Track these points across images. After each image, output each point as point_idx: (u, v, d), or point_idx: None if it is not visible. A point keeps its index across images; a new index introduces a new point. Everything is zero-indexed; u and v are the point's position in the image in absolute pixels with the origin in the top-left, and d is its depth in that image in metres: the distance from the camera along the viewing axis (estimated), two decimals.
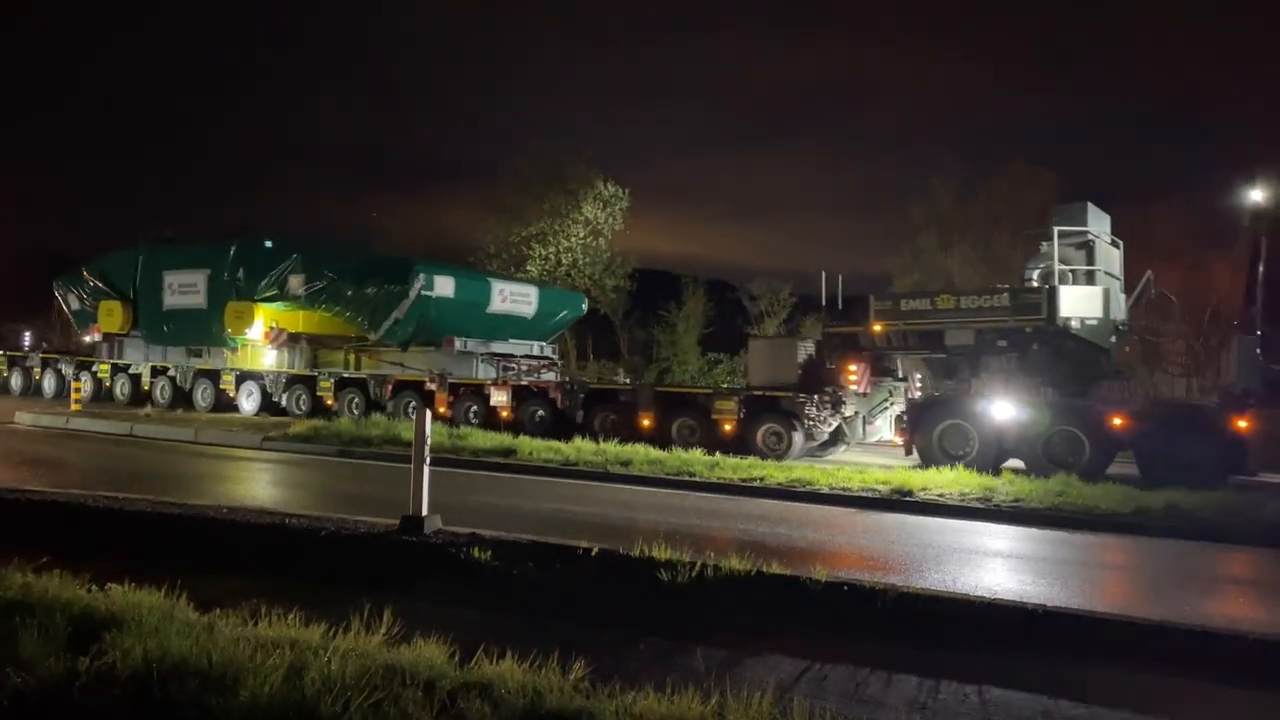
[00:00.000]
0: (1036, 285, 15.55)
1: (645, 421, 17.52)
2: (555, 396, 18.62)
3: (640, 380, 26.86)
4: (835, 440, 17.12)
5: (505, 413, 18.78)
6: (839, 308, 17.42)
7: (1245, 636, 6.19)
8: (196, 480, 12.79)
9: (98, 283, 24.79)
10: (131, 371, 23.99)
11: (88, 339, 25.43)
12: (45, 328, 35.84)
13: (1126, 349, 16.31)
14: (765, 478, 13.25)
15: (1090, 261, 15.63)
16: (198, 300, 22.92)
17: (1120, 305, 16.20)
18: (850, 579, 7.13)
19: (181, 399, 22.87)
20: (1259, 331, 13.68)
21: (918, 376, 18.52)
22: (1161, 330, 16.59)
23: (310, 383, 21.27)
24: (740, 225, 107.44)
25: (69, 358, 25.99)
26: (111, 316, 24.11)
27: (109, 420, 19.77)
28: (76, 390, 23.23)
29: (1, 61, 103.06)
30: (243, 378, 22.11)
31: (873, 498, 12.28)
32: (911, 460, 15.38)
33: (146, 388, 23.51)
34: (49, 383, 25.57)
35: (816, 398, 16.32)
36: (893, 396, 17.83)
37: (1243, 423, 13.14)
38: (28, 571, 6.04)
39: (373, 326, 21.06)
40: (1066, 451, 14.29)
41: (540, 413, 18.68)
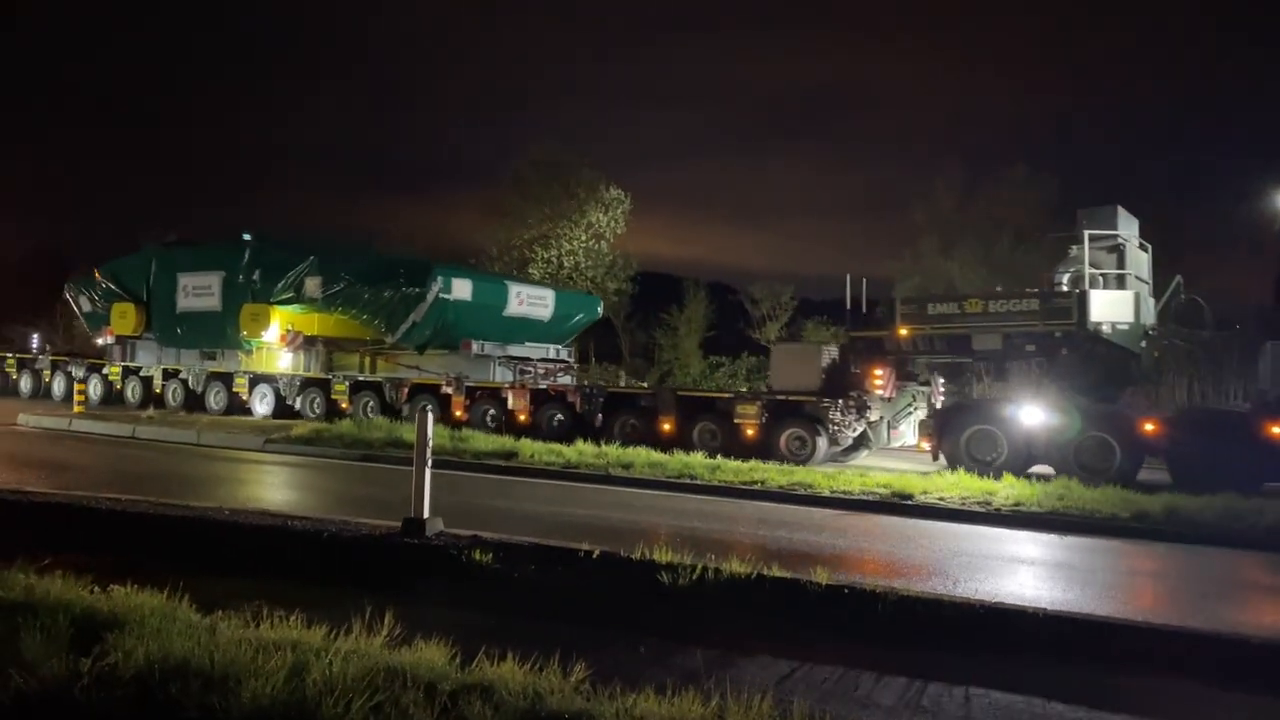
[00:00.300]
0: (1066, 289, 15.32)
1: (666, 426, 17.27)
2: (574, 400, 18.42)
3: (659, 384, 26.77)
4: (858, 445, 16.91)
5: (523, 416, 18.58)
6: (862, 311, 17.21)
7: (1249, 640, 6.20)
8: (198, 482, 12.80)
9: (110, 285, 24.67)
10: (143, 374, 23.90)
11: (100, 341, 25.26)
12: (48, 330, 35.89)
13: (1155, 354, 16.05)
14: (766, 481, 13.26)
15: (1121, 265, 15.38)
16: (212, 302, 22.76)
17: (1150, 310, 15.93)
18: (850, 582, 7.15)
19: (194, 402, 22.77)
20: None
21: (940, 381, 18.31)
22: (1192, 335, 16.32)
23: (324, 386, 21.16)
24: (741, 228, 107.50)
25: (79, 360, 25.92)
26: (125, 319, 23.96)
27: (111, 422, 19.79)
28: (80, 392, 23.26)
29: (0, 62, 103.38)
30: (256, 380, 22.01)
31: (873, 501, 12.29)
32: (938, 466, 15.17)
33: (158, 390, 23.42)
34: (59, 385, 25.52)
35: (841, 402, 16.08)
36: (916, 401, 17.61)
37: (1276, 429, 12.97)
38: (30, 572, 6.05)
39: (390, 329, 20.87)
40: (1097, 457, 14.09)
41: (558, 417, 18.46)
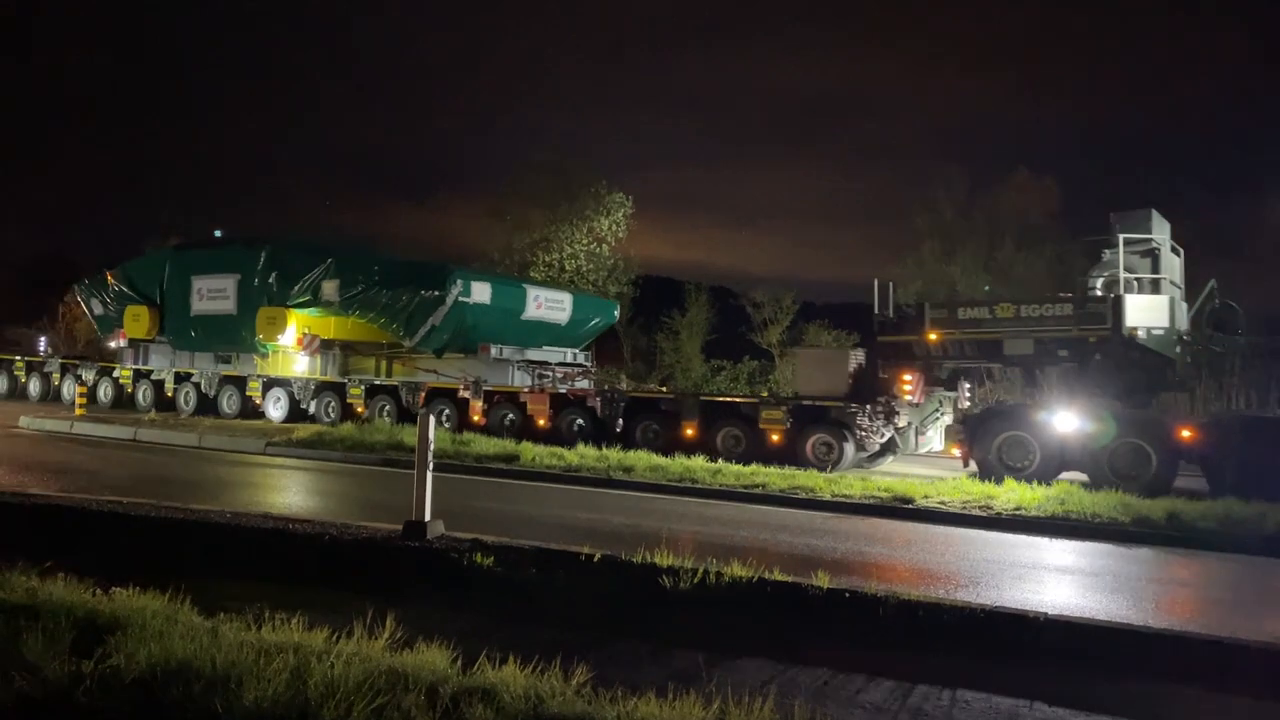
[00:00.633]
0: (1101, 294, 15.17)
1: (689, 431, 17.08)
2: (594, 405, 18.24)
3: (680, 389, 26.66)
4: (885, 451, 16.75)
5: (542, 421, 18.39)
6: (890, 316, 17.10)
7: (1248, 646, 6.20)
8: (199, 485, 12.79)
9: (123, 287, 24.50)
10: (154, 377, 23.77)
11: (113, 344, 25.11)
12: (50, 332, 35.94)
13: (1188, 359, 15.77)
14: (767, 484, 13.31)
15: (1155, 269, 15.25)
16: (227, 306, 22.56)
17: (1183, 314, 15.73)
18: (851, 586, 7.15)
19: (206, 405, 22.66)
20: None
21: (967, 386, 18.09)
22: (1226, 340, 16.15)
23: (340, 389, 21.04)
24: (743, 233, 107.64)
25: (89, 363, 25.85)
26: (138, 322, 23.75)
27: (113, 425, 19.79)
28: (81, 395, 23.18)
29: None
30: (270, 384, 21.90)
31: (874, 505, 12.31)
32: (967, 472, 14.95)
33: (170, 394, 23.28)
34: (68, 388, 25.34)
35: (869, 408, 15.90)
36: (943, 406, 17.46)
37: None
38: (32, 575, 6.07)
39: (408, 333, 20.68)
40: (1132, 464, 13.87)
41: (579, 421, 18.26)
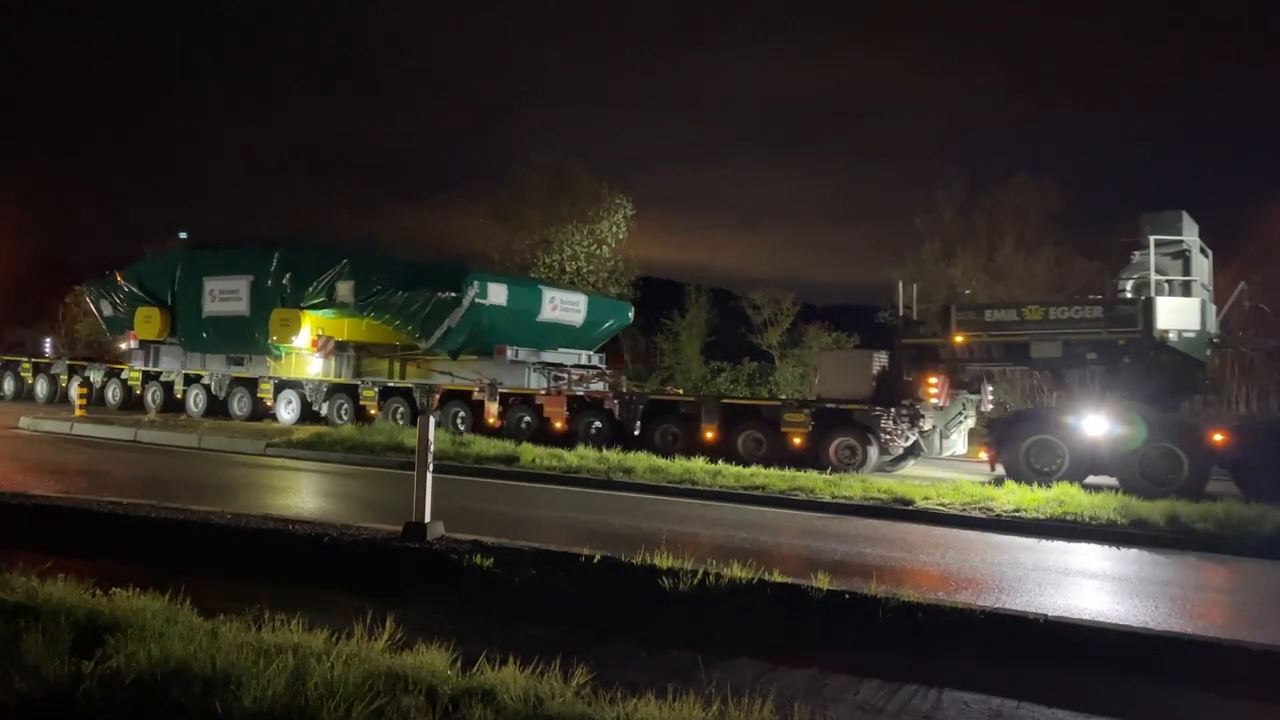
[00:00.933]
0: (1131, 296, 15.07)
1: (709, 434, 16.98)
2: (612, 408, 18.09)
3: (703, 391, 26.58)
4: (907, 455, 16.65)
5: (559, 424, 18.22)
6: (913, 318, 17.02)
7: (1248, 648, 6.21)
8: (199, 486, 12.78)
9: (133, 288, 24.25)
10: (163, 379, 23.64)
11: (124, 346, 24.79)
12: (50, 333, 35.94)
13: (1217, 362, 15.76)
14: (767, 485, 13.34)
15: (1186, 272, 15.07)
16: (240, 307, 22.31)
17: (1213, 317, 15.59)
18: (852, 588, 7.14)
19: (217, 408, 22.53)
20: None
21: (989, 389, 18.02)
22: (1256, 343, 16.08)
23: (353, 392, 20.88)
24: (742, 234, 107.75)
25: (97, 364, 25.75)
26: (149, 323, 23.48)
27: (113, 426, 19.79)
28: (81, 396, 23.18)
29: None
30: (281, 386, 21.80)
31: (873, 506, 12.32)
32: (995, 476, 14.78)
33: (180, 396, 23.14)
34: (75, 391, 25.04)
35: (894, 411, 15.81)
36: (965, 410, 17.32)
37: None
38: (32, 576, 6.06)
39: (424, 335, 20.41)
40: (1163, 468, 13.78)
41: (596, 424, 18.11)
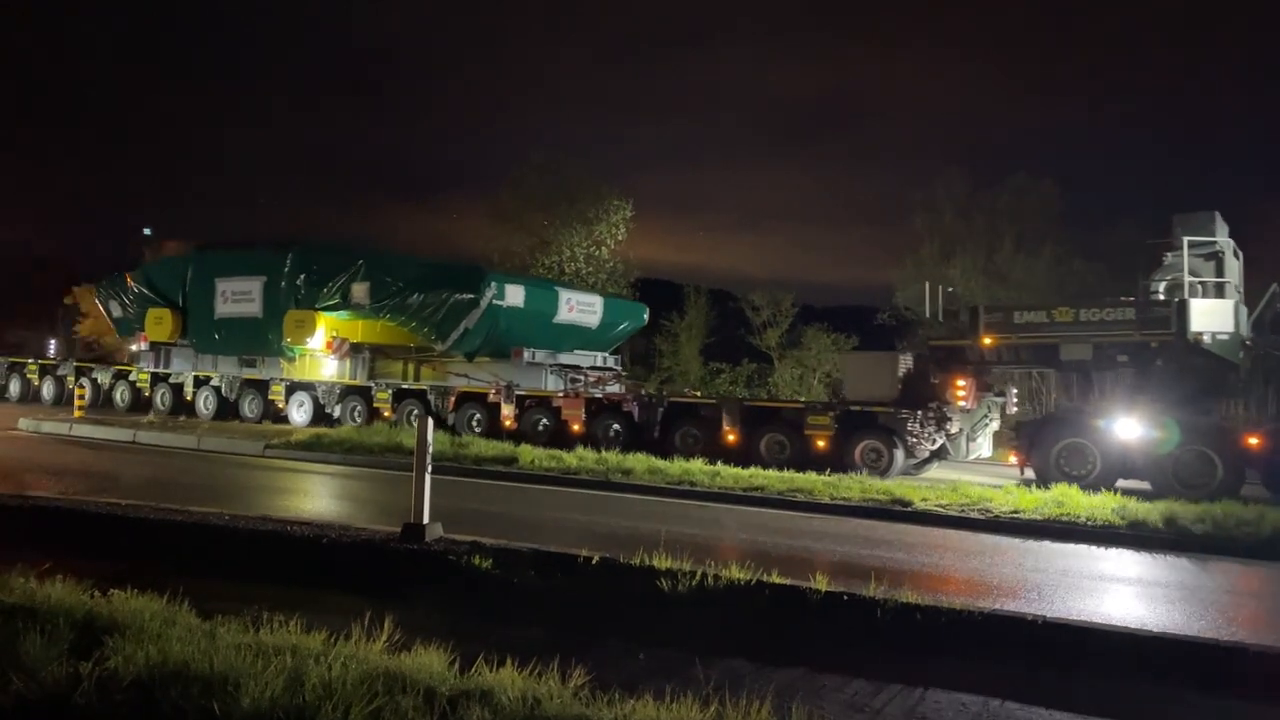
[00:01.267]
0: (1164, 298, 14.95)
1: (730, 438, 16.79)
2: (631, 410, 17.91)
3: (724, 393, 26.50)
4: (932, 458, 16.45)
5: (577, 426, 18.03)
6: (939, 320, 16.88)
7: (1246, 649, 6.22)
8: (197, 487, 12.77)
9: (144, 289, 24.09)
10: (173, 381, 23.32)
11: (134, 347, 24.63)
12: (47, 335, 35.96)
13: (1250, 365, 15.38)
14: (766, 487, 13.35)
15: (1219, 273, 14.94)
16: (252, 308, 22.11)
17: (1245, 319, 15.38)
18: (850, 589, 7.14)
19: (227, 410, 22.34)
20: None
21: (1014, 391, 17.81)
22: None
23: (366, 394, 20.56)
24: (742, 235, 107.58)
25: (105, 366, 25.57)
26: (161, 324, 23.30)
27: (111, 427, 19.75)
28: (80, 397, 23.08)
29: None
30: (293, 388, 21.52)
31: (872, 508, 12.33)
32: (1024, 480, 14.65)
33: (189, 398, 22.85)
34: (78, 392, 24.90)
35: (920, 413, 15.59)
36: (991, 412, 17.16)
37: None
38: (30, 577, 6.06)
39: (440, 337, 20.28)
40: (1196, 472, 13.64)
41: (615, 427, 17.87)
